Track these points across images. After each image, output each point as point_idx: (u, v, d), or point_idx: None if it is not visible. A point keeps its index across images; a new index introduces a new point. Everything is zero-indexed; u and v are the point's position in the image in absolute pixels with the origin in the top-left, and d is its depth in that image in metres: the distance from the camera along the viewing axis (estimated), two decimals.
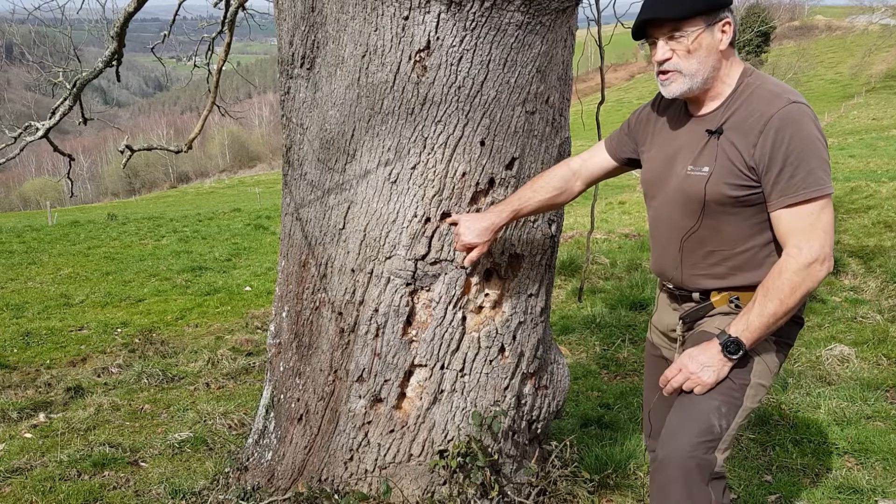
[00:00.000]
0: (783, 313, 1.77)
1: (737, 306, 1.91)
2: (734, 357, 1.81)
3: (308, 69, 2.55)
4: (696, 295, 1.99)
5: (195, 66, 6.12)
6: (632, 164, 2.17)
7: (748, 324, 1.79)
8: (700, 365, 1.84)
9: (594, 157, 2.22)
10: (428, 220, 2.39)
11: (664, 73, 1.85)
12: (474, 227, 2.22)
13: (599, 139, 3.55)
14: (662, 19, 1.80)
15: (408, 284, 2.43)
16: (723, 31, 1.81)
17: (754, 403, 1.89)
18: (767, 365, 1.90)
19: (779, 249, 1.83)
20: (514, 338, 2.55)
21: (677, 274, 2.00)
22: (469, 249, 2.26)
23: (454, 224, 2.31)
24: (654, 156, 2.04)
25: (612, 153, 2.18)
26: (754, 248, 1.87)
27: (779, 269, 1.77)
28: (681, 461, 1.81)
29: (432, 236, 2.40)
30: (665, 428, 1.91)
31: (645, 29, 1.86)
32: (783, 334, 1.89)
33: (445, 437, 2.53)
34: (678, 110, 1.99)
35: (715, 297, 1.95)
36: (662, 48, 1.83)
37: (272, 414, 2.88)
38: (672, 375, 1.89)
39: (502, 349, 2.54)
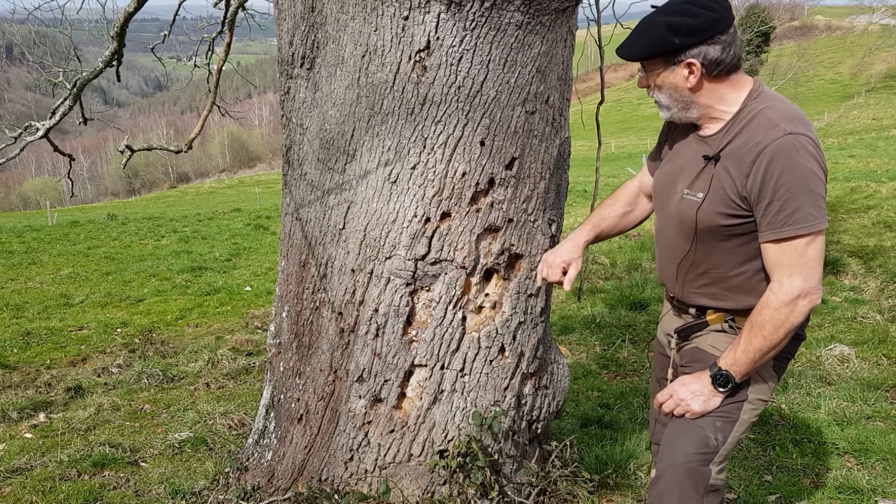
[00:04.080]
0: (769, 348, 1.77)
1: (731, 326, 1.93)
2: (722, 390, 1.84)
3: (308, 69, 2.55)
4: (692, 310, 2.00)
5: (195, 66, 6.13)
6: None
7: (735, 359, 1.81)
8: (691, 393, 1.88)
9: (645, 174, 2.21)
10: (428, 220, 2.39)
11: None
12: (561, 250, 2.18)
13: (599, 139, 3.59)
14: (627, 58, 1.87)
15: (408, 284, 2.43)
16: (689, 72, 1.79)
17: (753, 417, 1.92)
18: (765, 380, 1.91)
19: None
20: (514, 338, 2.55)
21: (677, 289, 2.03)
22: (565, 272, 2.17)
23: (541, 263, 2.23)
24: (664, 168, 2.03)
25: (650, 170, 2.17)
26: (748, 273, 1.86)
27: (761, 305, 1.77)
28: (675, 473, 1.85)
29: (432, 236, 2.40)
30: (663, 441, 1.96)
31: None
32: (781, 352, 1.87)
33: (445, 437, 2.53)
34: (689, 124, 1.96)
35: (710, 316, 1.97)
36: (641, 79, 1.91)
37: (272, 414, 2.88)
38: (663, 400, 1.94)
39: (502, 349, 2.54)
